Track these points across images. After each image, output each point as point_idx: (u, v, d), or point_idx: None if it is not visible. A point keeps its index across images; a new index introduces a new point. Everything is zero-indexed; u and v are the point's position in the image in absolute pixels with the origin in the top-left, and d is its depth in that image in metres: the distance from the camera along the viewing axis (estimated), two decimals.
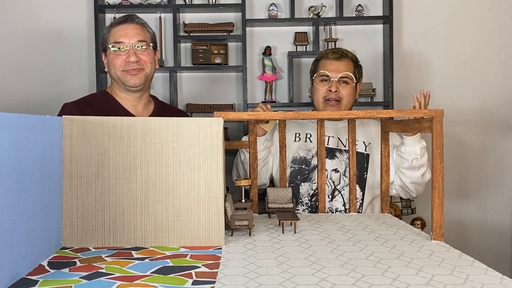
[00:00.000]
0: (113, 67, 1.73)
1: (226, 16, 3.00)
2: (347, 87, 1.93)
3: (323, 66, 1.96)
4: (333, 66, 1.94)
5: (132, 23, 1.74)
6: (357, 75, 1.97)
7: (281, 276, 0.89)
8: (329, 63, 1.95)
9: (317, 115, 1.31)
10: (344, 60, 1.95)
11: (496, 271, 0.92)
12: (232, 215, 1.20)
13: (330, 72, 1.93)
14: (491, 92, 3.01)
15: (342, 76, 1.92)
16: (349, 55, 1.99)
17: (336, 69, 1.93)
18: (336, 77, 1.92)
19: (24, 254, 0.89)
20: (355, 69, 1.97)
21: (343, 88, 1.92)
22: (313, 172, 1.90)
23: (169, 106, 2.04)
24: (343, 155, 1.92)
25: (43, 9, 2.98)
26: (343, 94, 1.92)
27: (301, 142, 1.97)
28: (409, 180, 1.84)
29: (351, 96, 1.94)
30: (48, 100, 2.95)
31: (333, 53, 1.98)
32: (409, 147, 1.76)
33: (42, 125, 0.99)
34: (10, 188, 0.83)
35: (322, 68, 1.96)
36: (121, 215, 1.10)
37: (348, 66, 1.95)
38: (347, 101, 1.93)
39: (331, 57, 1.96)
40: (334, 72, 1.93)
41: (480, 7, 3.00)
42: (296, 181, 1.91)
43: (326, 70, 1.94)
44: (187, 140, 1.12)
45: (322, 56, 2.00)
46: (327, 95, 1.92)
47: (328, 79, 1.93)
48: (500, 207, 3.04)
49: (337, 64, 1.94)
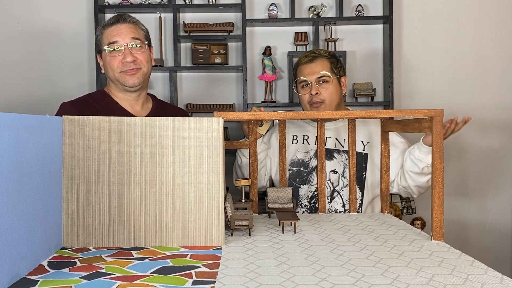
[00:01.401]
0: (110, 69, 1.73)
1: (226, 16, 3.00)
2: (327, 86, 1.92)
3: (300, 72, 1.98)
4: (308, 70, 1.95)
5: (125, 22, 1.74)
6: (335, 71, 1.96)
7: (281, 276, 0.89)
8: (304, 68, 1.96)
9: (317, 115, 1.31)
10: (318, 61, 1.95)
11: (496, 271, 0.92)
12: (232, 215, 1.20)
13: (306, 76, 1.94)
14: (491, 92, 3.01)
15: (318, 77, 1.92)
16: (322, 53, 1.98)
17: (311, 71, 1.94)
18: (313, 79, 1.92)
19: (24, 254, 0.89)
20: (331, 65, 1.95)
21: (323, 88, 1.92)
22: (311, 174, 1.90)
23: (167, 104, 2.04)
24: (342, 156, 1.91)
25: (43, 9, 2.98)
26: (324, 94, 1.91)
27: (299, 144, 1.97)
28: (414, 183, 1.83)
29: (333, 94, 1.93)
30: (48, 100, 2.95)
31: (305, 57, 1.98)
32: (424, 155, 1.74)
33: (42, 125, 0.99)
34: (10, 188, 0.83)
35: (299, 75, 1.97)
36: (121, 215, 1.10)
37: (323, 65, 1.94)
38: (331, 100, 1.92)
39: (303, 62, 1.97)
40: (310, 75, 1.93)
41: (480, 7, 3.00)
42: (295, 183, 1.91)
43: (302, 75, 1.95)
44: (187, 140, 1.12)
45: (298, 63, 2.02)
46: (310, 99, 1.93)
47: (307, 83, 1.94)
48: (500, 207, 3.04)
49: (310, 66, 1.95)
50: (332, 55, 2.00)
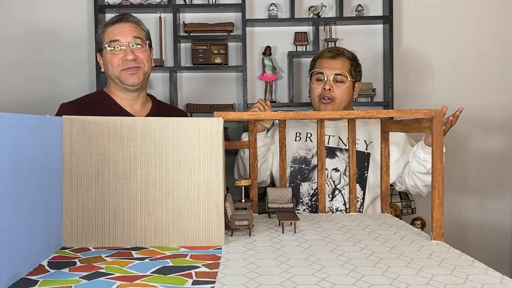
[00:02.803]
0: (110, 67, 1.73)
1: (226, 16, 3.00)
2: (341, 86, 1.91)
3: (319, 65, 1.97)
4: (327, 64, 1.94)
5: (127, 21, 1.74)
6: (353, 74, 1.95)
7: (281, 276, 0.89)
8: (324, 62, 1.95)
9: (317, 115, 1.31)
10: (340, 59, 1.94)
11: (496, 271, 0.92)
12: (232, 215, 1.20)
13: (324, 70, 1.93)
14: (491, 92, 3.01)
15: (337, 74, 1.91)
16: (346, 53, 1.97)
17: (330, 67, 1.93)
18: (330, 75, 1.91)
19: (24, 254, 0.89)
20: (351, 67, 1.95)
21: (337, 87, 1.91)
22: (313, 172, 1.90)
23: (167, 105, 2.04)
24: (344, 154, 1.91)
25: (43, 9, 2.98)
26: (336, 93, 1.91)
27: (301, 141, 1.96)
28: (422, 183, 1.83)
29: (345, 95, 1.93)
30: (48, 100, 2.95)
31: (328, 52, 1.98)
32: (428, 155, 1.71)
33: (42, 125, 0.99)
34: (10, 188, 0.83)
35: (317, 67, 1.96)
36: (121, 215, 1.10)
37: (343, 65, 1.94)
38: (341, 100, 1.92)
39: (326, 56, 1.96)
40: (328, 70, 1.92)
41: (480, 7, 3.00)
42: (297, 180, 1.91)
43: (320, 68, 1.94)
44: (187, 140, 1.12)
45: (319, 56, 2.00)
46: (322, 93, 1.92)
47: (322, 78, 1.93)
48: (500, 207, 3.04)
49: (331, 62, 1.94)
50: (354, 58, 2.00)
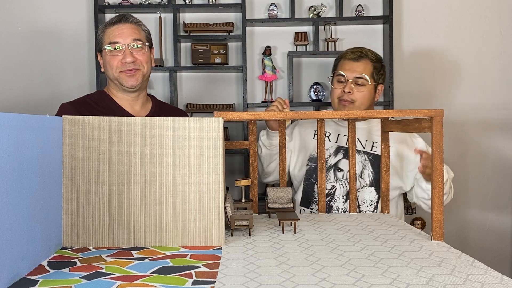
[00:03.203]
0: (109, 68, 1.73)
1: (226, 16, 3.00)
2: (361, 89, 1.90)
3: (341, 66, 1.95)
4: (349, 66, 1.92)
5: (127, 22, 1.74)
6: (375, 76, 1.93)
7: (281, 276, 0.89)
8: (346, 63, 1.94)
9: (317, 115, 1.31)
10: (362, 61, 1.92)
11: (496, 271, 0.92)
12: (232, 215, 1.20)
13: (345, 72, 1.91)
14: (491, 92, 3.02)
15: (357, 77, 1.90)
16: (369, 55, 1.94)
17: (351, 69, 1.91)
18: (351, 77, 1.90)
19: (24, 254, 0.89)
20: (373, 70, 1.93)
21: (357, 89, 1.90)
22: (329, 172, 1.89)
23: (167, 105, 2.04)
24: (361, 156, 1.89)
25: (43, 9, 2.98)
26: (356, 96, 1.89)
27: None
28: (428, 207, 1.85)
29: (365, 98, 1.91)
30: (48, 100, 2.95)
31: (351, 53, 1.95)
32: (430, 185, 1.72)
33: (42, 125, 0.99)
34: (10, 188, 0.83)
35: (339, 68, 1.95)
36: (121, 215, 1.10)
37: (365, 67, 1.92)
38: (361, 103, 1.90)
39: (348, 57, 1.94)
40: (349, 72, 1.91)
41: (480, 7, 3.00)
42: (311, 179, 1.90)
43: (342, 70, 1.93)
44: (187, 140, 1.12)
45: (342, 56, 1.98)
46: (341, 95, 1.91)
47: (343, 79, 1.92)
48: (500, 207, 3.04)
49: (353, 64, 1.92)
50: (378, 60, 1.97)
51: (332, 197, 1.88)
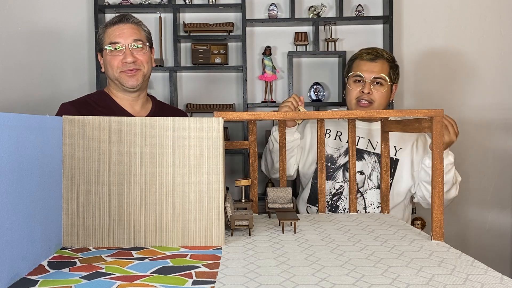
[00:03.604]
0: (110, 68, 1.73)
1: (226, 16, 3.00)
2: (380, 89, 1.89)
3: (357, 66, 1.94)
4: (366, 67, 1.91)
5: (127, 22, 1.74)
6: (392, 76, 1.93)
7: (281, 276, 0.89)
8: (363, 64, 1.92)
9: (317, 115, 1.31)
10: (379, 61, 1.92)
11: (496, 271, 0.92)
12: (232, 215, 1.20)
13: (363, 73, 1.90)
14: (491, 92, 3.02)
15: (376, 77, 1.89)
16: (385, 55, 1.94)
17: (369, 70, 1.90)
18: (370, 78, 1.89)
19: (24, 254, 0.89)
20: (390, 70, 1.93)
21: (376, 90, 1.89)
22: (338, 171, 1.89)
23: (167, 106, 2.04)
24: (371, 158, 1.89)
25: (43, 9, 2.98)
26: (375, 96, 1.89)
27: (331, 139, 1.95)
28: (429, 194, 1.79)
29: (384, 98, 1.91)
30: (48, 100, 2.95)
31: (367, 54, 1.94)
32: None
33: (42, 125, 0.99)
34: (10, 188, 0.83)
35: (356, 69, 1.94)
36: (121, 215, 1.10)
37: (382, 67, 1.91)
38: (380, 103, 1.90)
39: (365, 58, 1.93)
40: (367, 73, 1.90)
41: (480, 7, 3.00)
42: None
43: (359, 71, 1.92)
44: (187, 140, 1.12)
45: (357, 57, 1.97)
46: (360, 96, 1.90)
47: (361, 80, 1.91)
48: (500, 207, 3.04)
49: (371, 65, 1.91)
50: (393, 60, 1.97)
51: (340, 197, 1.88)
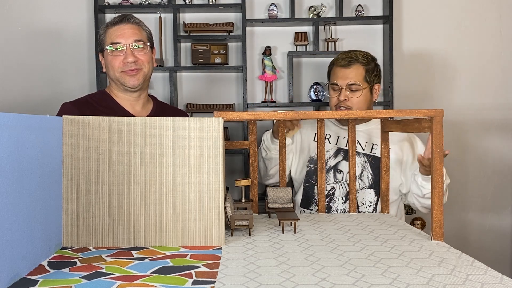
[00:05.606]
0: (111, 68, 1.74)
1: (226, 16, 3.00)
2: (356, 94, 1.90)
3: (333, 74, 1.95)
4: (341, 73, 1.92)
5: (128, 22, 1.74)
6: (369, 79, 1.92)
7: (281, 276, 0.89)
8: (338, 71, 1.93)
9: (317, 115, 1.31)
10: (353, 66, 1.91)
11: (496, 271, 0.92)
12: (232, 215, 1.20)
13: (338, 80, 1.91)
14: (491, 92, 3.02)
15: (350, 84, 1.90)
16: (360, 59, 1.93)
17: (344, 76, 1.91)
18: (344, 85, 1.90)
19: (24, 254, 0.89)
20: (366, 73, 1.92)
21: (353, 95, 1.90)
22: (328, 173, 1.90)
23: (168, 106, 2.04)
24: (361, 158, 1.89)
25: (43, 9, 2.98)
26: (353, 102, 1.90)
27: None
28: (420, 205, 1.83)
29: (362, 103, 1.91)
30: (48, 100, 2.95)
31: (342, 60, 1.94)
32: (426, 182, 1.71)
33: (42, 125, 0.99)
34: (10, 188, 0.83)
35: (332, 76, 1.95)
36: (121, 215, 1.10)
37: (357, 73, 1.91)
38: (358, 108, 1.90)
39: (339, 64, 1.93)
40: (342, 80, 1.91)
41: (480, 7, 3.01)
42: (312, 181, 1.90)
43: (335, 78, 1.93)
44: (187, 140, 1.12)
45: (334, 63, 1.98)
46: (338, 103, 1.91)
47: (337, 87, 1.92)
48: (500, 207, 3.04)
49: (345, 71, 1.91)
50: (370, 61, 1.95)
51: (332, 198, 1.88)
